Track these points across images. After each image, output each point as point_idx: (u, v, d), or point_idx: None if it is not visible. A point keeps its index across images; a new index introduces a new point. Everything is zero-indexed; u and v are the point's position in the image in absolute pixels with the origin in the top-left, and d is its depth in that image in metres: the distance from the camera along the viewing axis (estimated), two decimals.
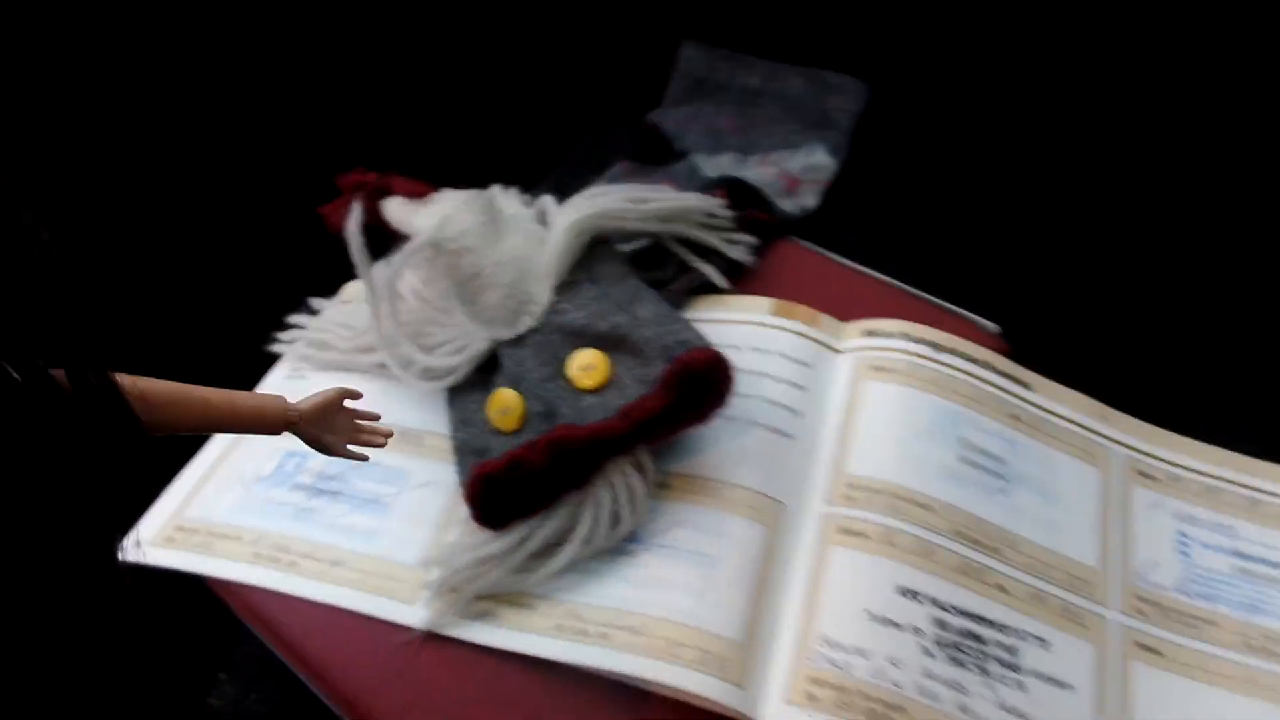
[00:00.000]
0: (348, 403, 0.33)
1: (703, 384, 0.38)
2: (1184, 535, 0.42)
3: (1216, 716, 0.37)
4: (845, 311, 0.46)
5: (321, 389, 0.34)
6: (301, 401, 0.31)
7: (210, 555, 0.40)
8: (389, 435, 0.34)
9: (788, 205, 0.54)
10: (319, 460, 0.42)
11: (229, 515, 0.42)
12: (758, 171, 0.56)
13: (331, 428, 0.32)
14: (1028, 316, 0.49)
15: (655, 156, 0.57)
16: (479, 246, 0.41)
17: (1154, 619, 0.40)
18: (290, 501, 0.42)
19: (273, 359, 0.49)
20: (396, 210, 0.43)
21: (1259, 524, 0.42)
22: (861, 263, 0.51)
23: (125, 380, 0.25)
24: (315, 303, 0.50)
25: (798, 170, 0.56)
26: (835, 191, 0.56)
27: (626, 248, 0.47)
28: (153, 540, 0.42)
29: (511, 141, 0.63)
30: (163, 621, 0.44)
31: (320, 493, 0.42)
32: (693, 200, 0.46)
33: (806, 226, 0.54)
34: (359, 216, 0.44)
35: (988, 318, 0.48)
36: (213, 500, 0.43)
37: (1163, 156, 0.57)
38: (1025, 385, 0.44)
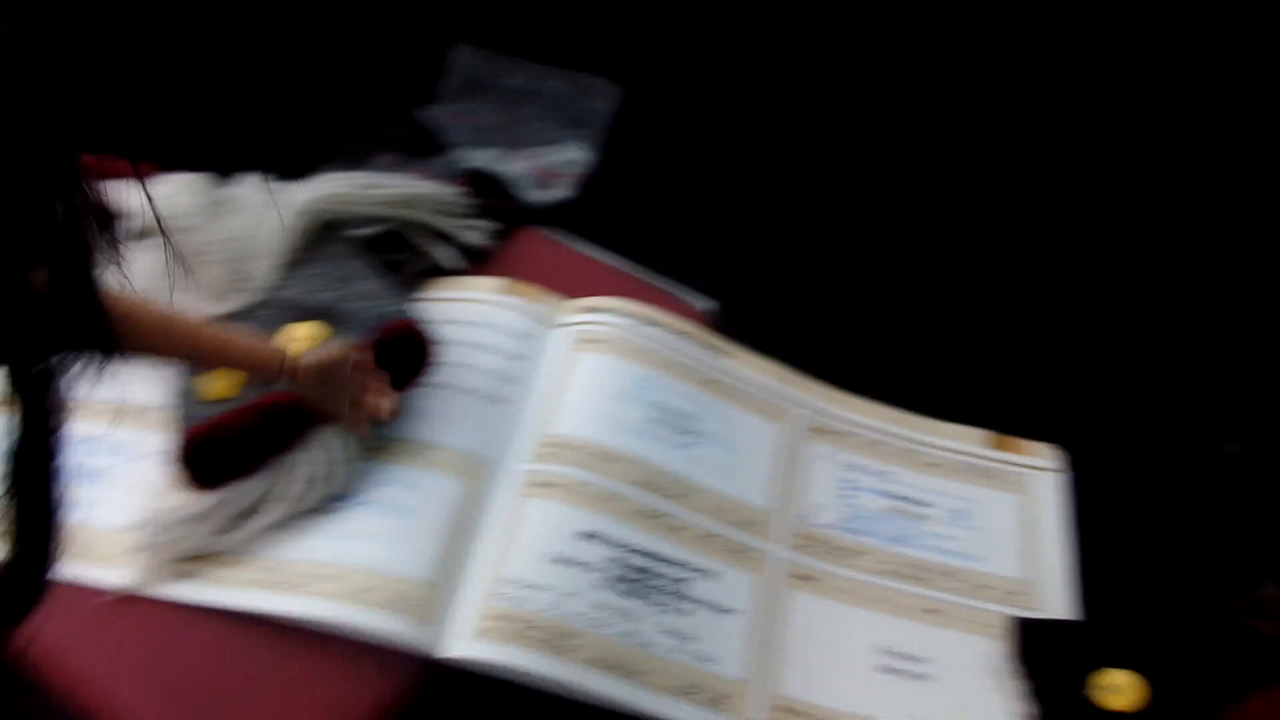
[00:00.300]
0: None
1: (400, 352, 0.42)
2: (848, 481, 0.49)
3: (861, 630, 0.44)
4: (575, 291, 0.51)
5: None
6: (304, 355, 0.30)
7: None
8: (394, 410, 0.32)
9: (541, 196, 0.59)
10: None
11: None
12: (517, 165, 0.60)
13: (333, 386, 0.30)
14: (745, 296, 0.56)
15: (421, 150, 0.60)
16: (200, 225, 0.43)
17: (813, 552, 0.46)
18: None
19: None
20: (121, 192, 0.44)
21: (914, 470, 0.50)
22: (608, 249, 0.56)
23: (109, 294, 0.23)
24: None
25: (554, 164, 0.61)
26: (590, 185, 0.61)
27: (365, 232, 0.50)
28: None
29: (292, 136, 0.65)
30: None
31: None
32: (426, 188, 0.50)
33: (559, 216, 0.59)
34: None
35: (708, 294, 0.54)
36: None
37: (862, 168, 0.64)
38: (722, 353, 0.50)
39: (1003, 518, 0.48)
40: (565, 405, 0.45)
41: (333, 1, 0.66)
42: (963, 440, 0.50)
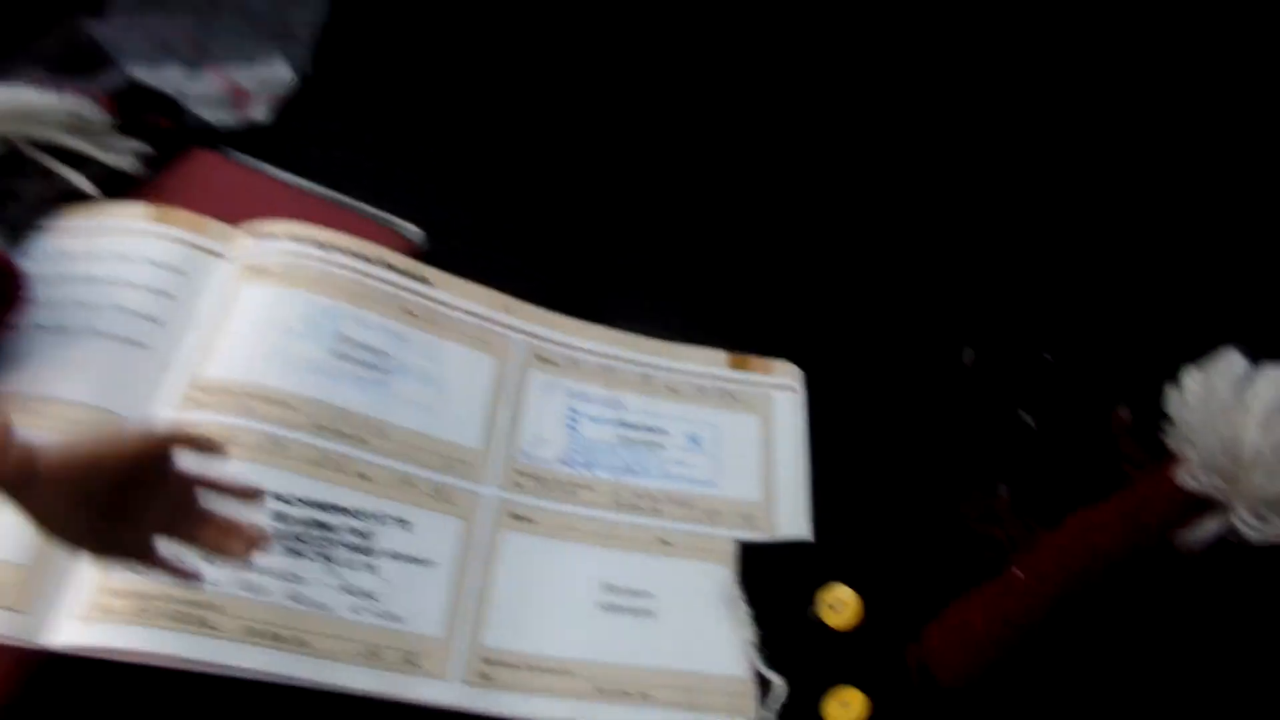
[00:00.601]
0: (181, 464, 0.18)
1: None
2: (574, 411, 0.45)
3: (582, 568, 0.40)
4: (254, 219, 0.44)
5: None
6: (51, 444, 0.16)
7: None
8: (262, 539, 0.21)
9: (230, 117, 0.51)
10: None
11: None
12: (203, 83, 0.52)
13: (123, 507, 0.17)
14: (459, 223, 0.51)
15: (81, 66, 0.51)
16: None
17: (531, 490, 0.42)
18: None
19: None
20: None
21: (647, 396, 0.46)
22: (309, 176, 0.50)
23: None
24: None
25: (249, 82, 0.53)
26: (290, 105, 0.54)
27: None
28: None
29: None
30: None
31: None
32: (44, 100, 0.41)
33: (254, 138, 0.51)
34: None
35: (420, 227, 0.49)
36: None
37: (585, 81, 0.61)
38: (424, 281, 0.44)
39: (742, 441, 0.45)
40: (223, 345, 0.38)
41: None
42: (700, 362, 0.47)
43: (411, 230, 0.48)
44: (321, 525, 0.36)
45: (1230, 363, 0.30)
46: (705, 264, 0.53)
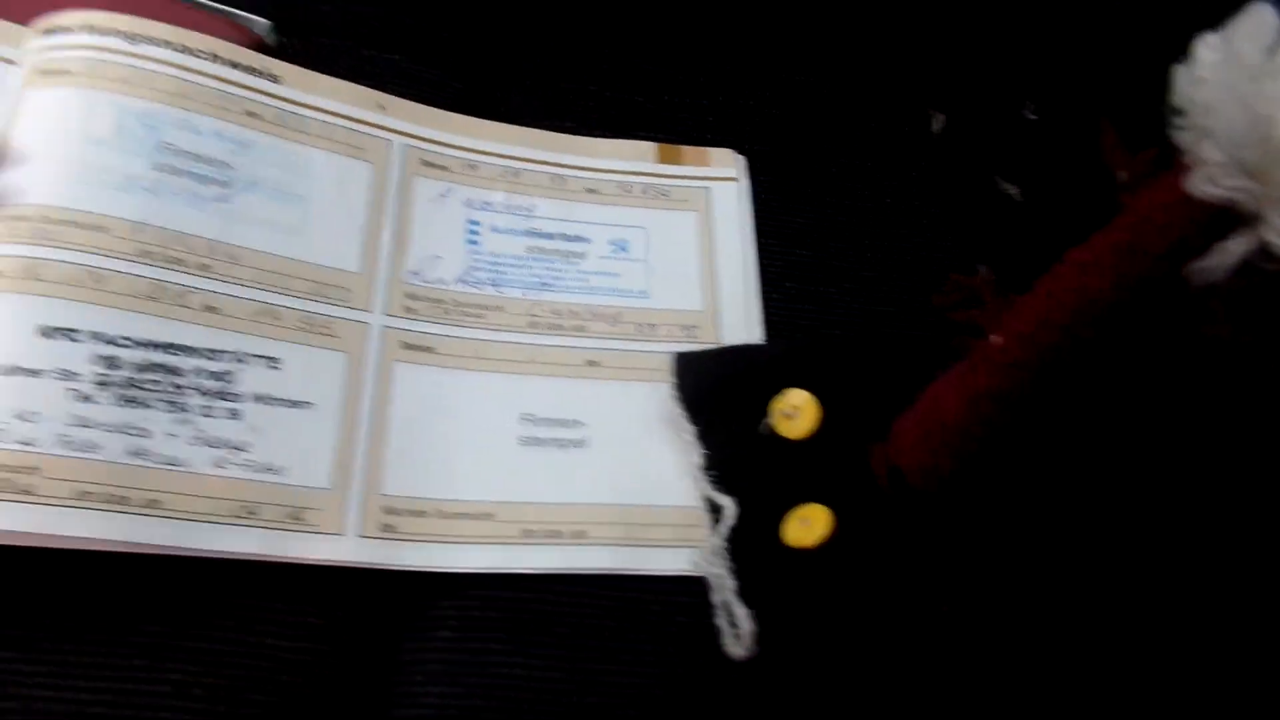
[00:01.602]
0: None
1: None
2: (475, 223, 0.38)
3: (495, 401, 0.34)
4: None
5: None
6: None
7: None
8: None
9: None
10: None
11: None
12: None
13: None
14: (313, 13, 0.42)
15: None
16: None
17: (428, 315, 0.35)
18: None
19: None
20: None
21: (562, 200, 0.39)
22: None
23: None
24: None
25: None
26: None
27: None
28: None
29: None
30: None
31: None
32: None
33: None
34: None
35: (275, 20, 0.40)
36: None
37: None
38: (273, 78, 0.36)
39: (677, 243, 0.39)
40: (14, 163, 0.31)
41: None
42: (623, 157, 0.40)
43: (257, 21, 0.39)
44: (164, 369, 0.30)
45: (1260, 21, 0.21)
46: (621, 44, 0.45)
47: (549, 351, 0.36)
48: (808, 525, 0.31)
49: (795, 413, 0.33)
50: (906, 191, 0.42)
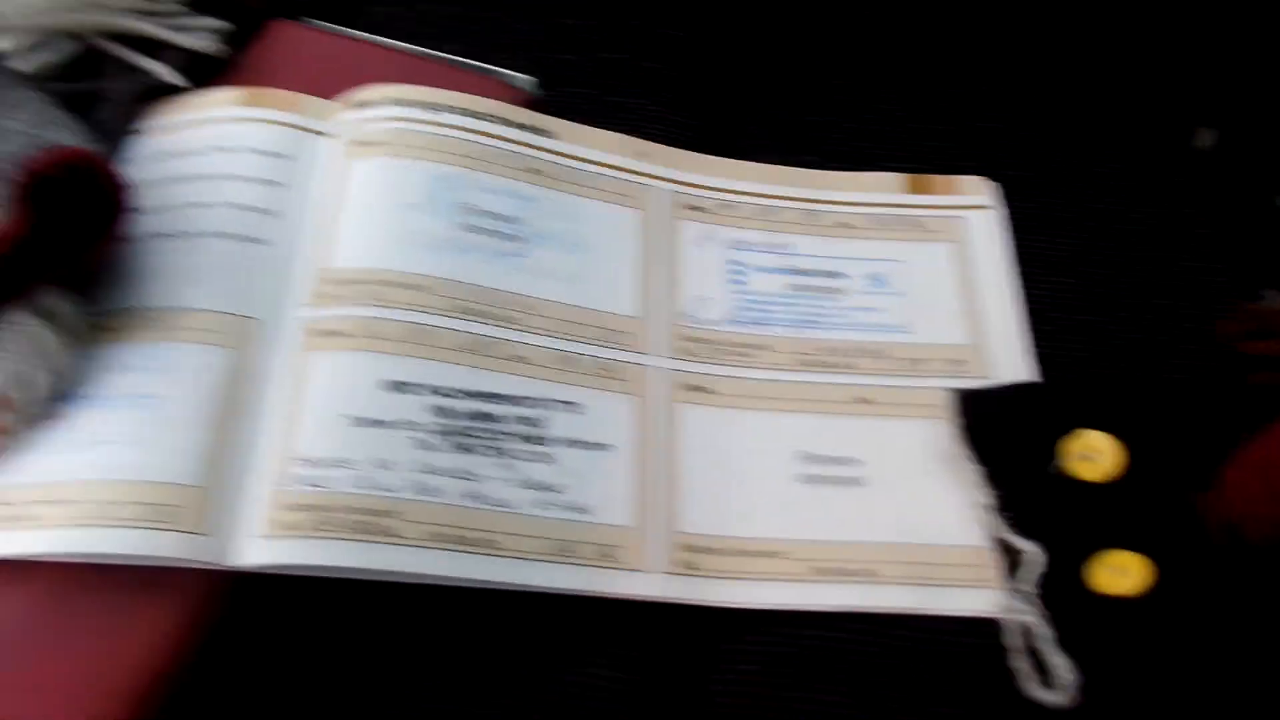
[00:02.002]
0: None
1: (77, 192, 0.30)
2: (736, 263, 0.39)
3: (773, 439, 0.34)
4: (352, 89, 0.39)
5: None
6: None
7: None
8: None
9: None
10: None
11: None
12: None
13: None
14: (573, 65, 0.44)
15: None
16: None
17: (703, 356, 0.36)
18: None
19: None
20: None
21: (816, 236, 0.40)
22: (392, 35, 0.44)
23: None
24: None
25: None
26: None
27: (51, 57, 0.38)
28: None
29: None
30: None
31: None
32: None
33: (330, 4, 0.46)
34: None
35: (530, 74, 0.43)
36: None
37: None
38: (548, 134, 0.38)
39: (934, 275, 0.38)
40: (343, 230, 0.34)
41: None
42: (872, 189, 0.40)
43: (521, 79, 0.42)
44: (487, 416, 0.33)
45: None
46: (858, 74, 0.45)
47: (819, 389, 0.36)
48: (1121, 573, 0.30)
49: (1094, 455, 0.32)
50: (1174, 213, 0.40)
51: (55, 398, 0.31)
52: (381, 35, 0.43)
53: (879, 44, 0.45)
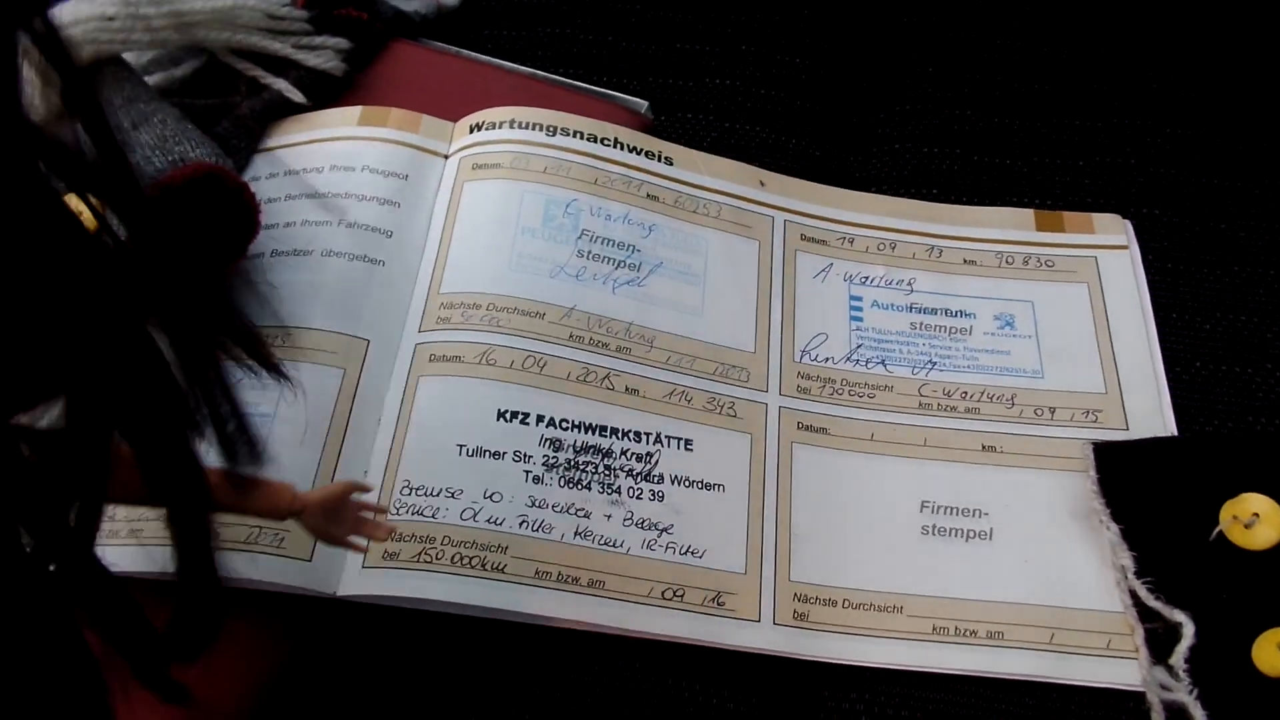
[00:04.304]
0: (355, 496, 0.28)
1: (200, 209, 0.30)
2: (857, 299, 0.37)
3: (894, 485, 0.33)
4: (470, 112, 0.39)
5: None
6: (309, 492, 0.27)
7: None
8: (391, 531, 0.28)
9: (415, 3, 0.46)
10: None
11: None
12: None
13: (337, 518, 0.27)
14: (688, 90, 0.43)
15: None
16: None
17: (820, 395, 0.35)
18: None
19: None
20: None
21: (941, 273, 0.38)
22: (509, 58, 0.44)
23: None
24: None
25: None
26: None
27: (178, 71, 0.39)
28: None
29: None
30: None
31: None
32: (239, 0, 0.38)
33: (445, 24, 0.46)
34: None
35: (644, 98, 0.42)
36: None
37: None
38: (666, 160, 0.37)
39: (1066, 317, 0.36)
40: (460, 253, 0.34)
41: None
42: (999, 225, 0.38)
43: (636, 103, 0.41)
44: (598, 450, 0.32)
45: None
46: (984, 104, 0.43)
47: (942, 434, 0.34)
48: None
49: (1256, 521, 0.30)
50: None
51: None
52: (499, 57, 0.43)
53: (1005, 75, 0.43)
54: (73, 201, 0.20)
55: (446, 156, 0.37)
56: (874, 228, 0.38)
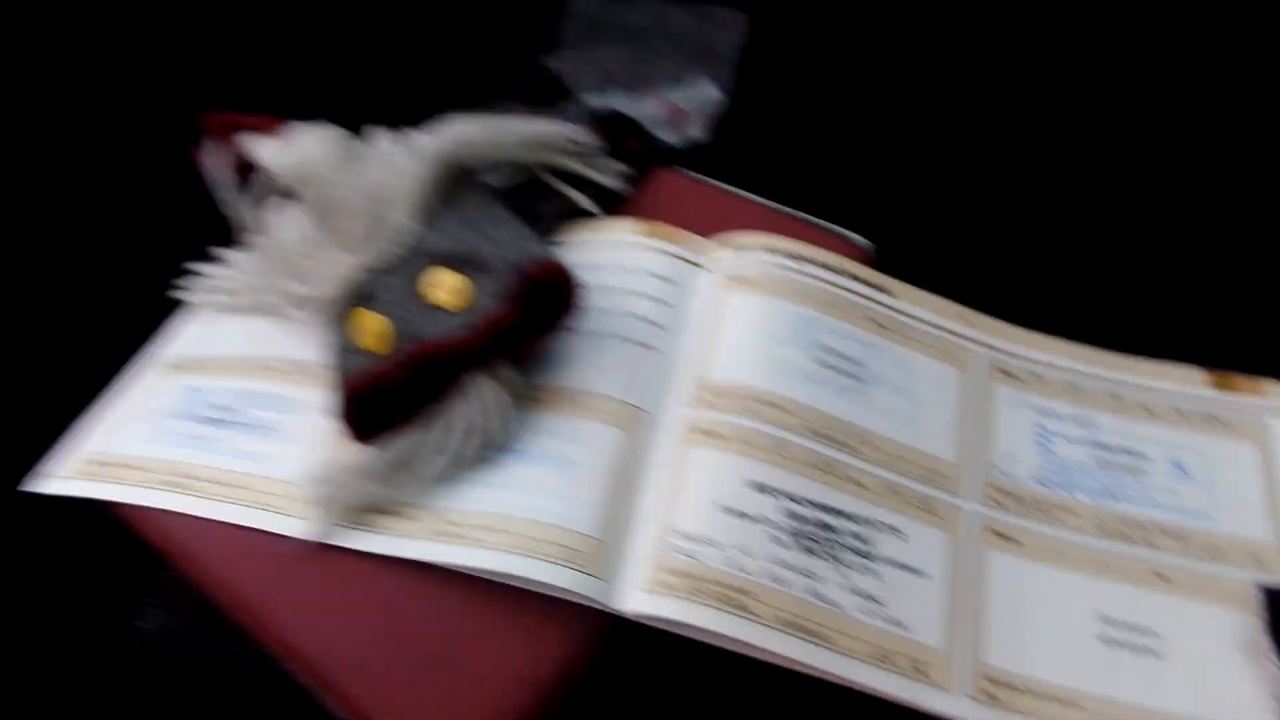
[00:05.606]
0: None
1: (549, 295, 0.39)
2: (1044, 429, 0.43)
3: (1075, 596, 0.38)
4: (720, 232, 0.47)
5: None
6: None
7: (118, 484, 0.41)
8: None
9: (674, 137, 0.55)
10: (220, 394, 0.43)
11: (136, 447, 0.42)
12: (646, 107, 0.57)
13: None
14: (906, 233, 0.51)
15: (545, 97, 0.58)
16: (338, 179, 0.42)
17: (1011, 508, 0.40)
18: (191, 432, 0.42)
19: (175, 305, 0.50)
20: (256, 148, 0.43)
21: (1121, 416, 0.43)
22: (748, 189, 0.52)
23: None
24: (216, 251, 0.50)
25: (685, 103, 0.57)
26: (724, 123, 0.57)
27: (501, 181, 0.48)
28: (65, 474, 0.43)
29: (408, 86, 0.63)
30: (85, 555, 0.45)
31: (219, 423, 0.42)
32: (556, 129, 0.47)
33: (695, 157, 0.55)
34: (224, 156, 0.44)
35: (863, 235, 0.50)
36: (122, 435, 0.43)
37: (1016, 78, 0.58)
38: (886, 291, 0.45)
39: (1238, 470, 0.41)
40: (721, 350, 0.42)
41: None
42: (1177, 380, 0.44)
43: (859, 240, 0.49)
44: (827, 527, 0.38)
45: None
46: (1182, 268, 0.49)
47: (1119, 559, 0.39)
48: None
49: None
50: None
51: (496, 446, 0.39)
52: (742, 187, 0.51)
53: (1182, 242, 0.49)
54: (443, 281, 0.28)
55: (707, 269, 0.45)
56: (1061, 368, 0.44)
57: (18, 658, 0.46)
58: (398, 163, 0.43)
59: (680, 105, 0.59)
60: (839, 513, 0.38)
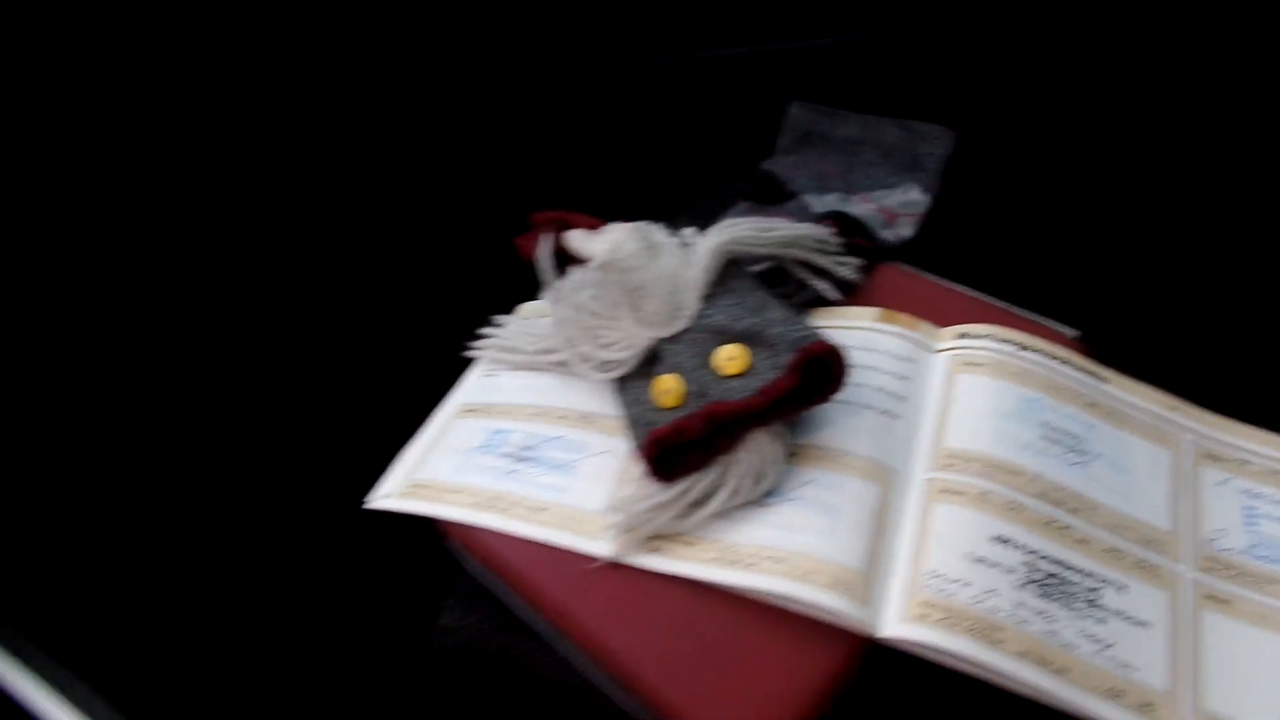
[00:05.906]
0: None
1: (823, 369, 0.47)
2: (1251, 509, 0.48)
3: (1277, 656, 0.43)
4: (940, 320, 0.55)
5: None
6: None
7: (441, 504, 0.52)
8: None
9: (887, 235, 0.63)
10: (519, 435, 0.53)
11: (452, 475, 0.53)
12: (860, 208, 0.65)
13: None
14: (1107, 323, 0.57)
15: (770, 197, 0.67)
16: (641, 265, 0.51)
17: (1223, 575, 0.45)
18: (498, 466, 0.53)
19: (468, 363, 0.61)
20: (577, 239, 0.54)
21: None
22: (960, 282, 0.60)
23: None
24: (499, 318, 0.61)
25: (895, 206, 0.65)
26: (929, 223, 0.65)
27: (754, 269, 0.57)
28: (394, 494, 0.54)
29: (649, 189, 0.74)
30: (397, 564, 0.55)
31: (521, 459, 0.53)
32: (808, 229, 0.56)
33: (906, 253, 0.63)
34: (549, 245, 0.55)
35: (1069, 325, 0.56)
36: (437, 465, 0.54)
37: (1230, 165, 0.63)
38: (1102, 379, 0.51)
39: None
40: (956, 421, 0.49)
41: (676, 76, 0.76)
42: None
43: (1067, 330, 0.55)
44: (1059, 578, 0.44)
45: None
46: None
47: None
48: None
49: None
50: None
51: (770, 491, 0.47)
52: (953, 279, 0.60)
53: None
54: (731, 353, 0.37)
55: (936, 351, 0.53)
56: (1265, 456, 0.49)
57: (339, 648, 0.56)
58: (685, 255, 0.53)
59: (892, 208, 0.67)
60: (1069, 566, 0.44)
